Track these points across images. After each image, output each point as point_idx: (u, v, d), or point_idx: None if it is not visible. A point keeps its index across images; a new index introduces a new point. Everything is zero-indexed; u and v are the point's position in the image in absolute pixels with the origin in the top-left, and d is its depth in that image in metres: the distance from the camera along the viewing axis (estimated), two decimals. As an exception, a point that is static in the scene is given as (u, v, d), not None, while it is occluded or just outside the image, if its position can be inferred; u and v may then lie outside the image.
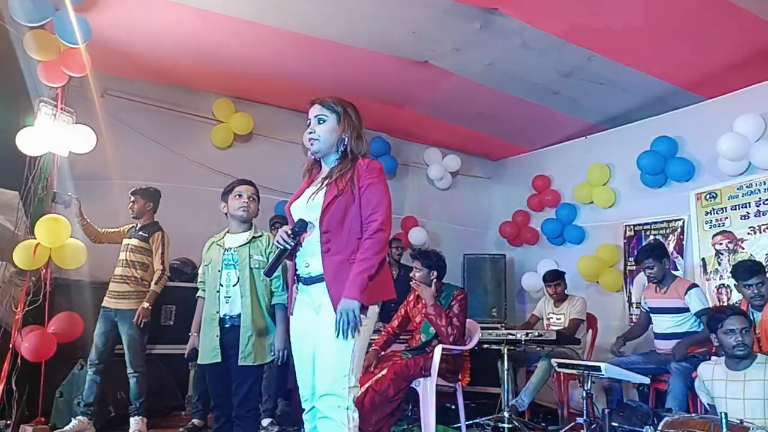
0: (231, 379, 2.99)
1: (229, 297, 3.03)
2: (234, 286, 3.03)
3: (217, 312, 3.02)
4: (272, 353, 3.02)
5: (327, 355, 2.17)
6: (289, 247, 2.25)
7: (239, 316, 3.03)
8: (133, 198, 4.34)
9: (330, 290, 2.19)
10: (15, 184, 4.16)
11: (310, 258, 2.26)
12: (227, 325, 3.01)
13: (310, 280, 2.27)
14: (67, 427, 3.94)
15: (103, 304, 4.18)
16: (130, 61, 4.92)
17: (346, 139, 2.31)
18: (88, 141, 4.31)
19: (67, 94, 4.40)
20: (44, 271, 4.20)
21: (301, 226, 2.25)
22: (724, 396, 3.12)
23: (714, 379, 3.20)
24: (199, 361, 3.10)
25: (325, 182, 2.29)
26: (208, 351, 3.00)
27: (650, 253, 4.23)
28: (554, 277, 5.13)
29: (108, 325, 4.13)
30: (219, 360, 2.96)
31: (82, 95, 4.72)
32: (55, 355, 4.07)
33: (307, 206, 2.27)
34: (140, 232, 4.29)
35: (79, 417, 3.99)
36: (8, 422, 3.87)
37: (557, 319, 5.07)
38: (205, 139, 5.73)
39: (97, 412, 4.07)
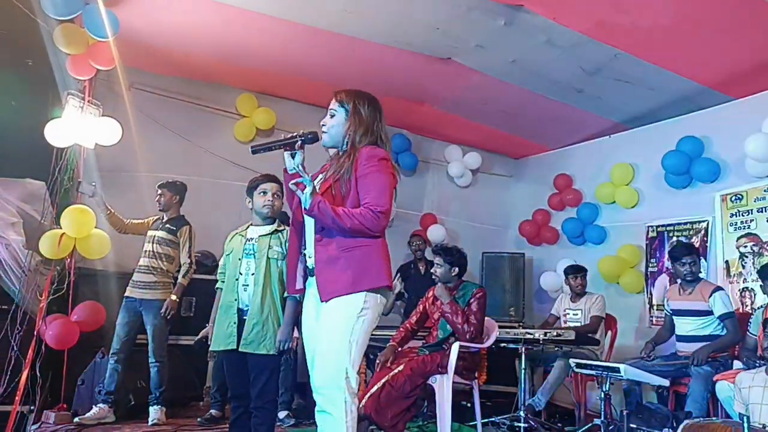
0: (248, 370, 3.01)
1: (247, 285, 3.06)
2: (252, 275, 3.06)
3: (235, 300, 3.05)
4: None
5: (325, 346, 2.14)
6: (292, 140, 2.25)
7: None
8: (160, 191, 4.41)
9: (318, 279, 2.18)
10: (42, 174, 4.25)
11: (311, 249, 2.27)
12: (245, 316, 3.04)
13: (312, 272, 2.28)
14: (87, 414, 4.01)
15: (126, 294, 4.25)
16: (157, 55, 4.98)
17: (350, 135, 2.29)
18: (113, 133, 4.38)
19: (95, 87, 4.49)
20: (69, 260, 4.29)
21: (314, 136, 2.27)
22: (760, 402, 3.08)
23: (752, 385, 3.17)
24: (212, 348, 3.14)
25: (328, 173, 2.30)
26: (224, 338, 3.02)
27: (691, 249, 4.18)
28: (579, 269, 5.09)
29: (131, 315, 4.20)
30: (234, 347, 2.99)
31: (108, 88, 4.80)
32: (77, 343, 4.15)
33: None
34: (167, 225, 4.36)
35: (100, 405, 4.06)
36: (32, 407, 3.96)
37: (574, 314, 5.02)
38: (227, 134, 5.79)
39: (117, 401, 4.14)
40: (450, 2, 4.03)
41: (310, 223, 2.30)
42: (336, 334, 2.12)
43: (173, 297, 4.20)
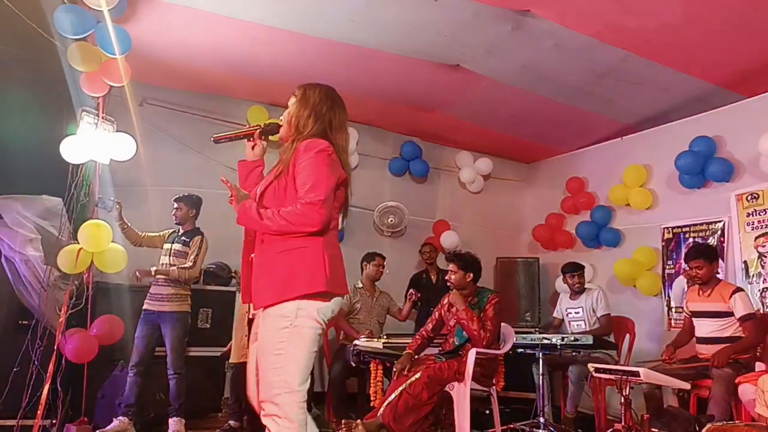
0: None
1: None
2: None
3: (247, 312, 3.07)
4: None
5: (263, 358, 2.01)
6: (252, 129, 2.33)
7: None
8: (176, 205, 4.47)
9: (253, 286, 2.07)
10: (59, 191, 4.30)
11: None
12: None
13: None
14: (108, 427, 4.05)
15: (144, 307, 4.29)
16: (167, 70, 5.04)
17: (296, 119, 2.22)
18: (128, 149, 4.43)
19: (108, 104, 4.54)
20: (86, 275, 4.33)
21: (274, 127, 2.31)
22: None
23: None
24: (231, 360, 3.16)
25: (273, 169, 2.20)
26: (238, 350, 3.04)
27: (702, 254, 4.11)
28: (575, 268, 5.10)
29: (149, 328, 4.25)
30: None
31: (122, 104, 4.86)
32: (97, 356, 4.17)
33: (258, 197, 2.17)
34: (183, 238, 4.42)
35: (120, 417, 4.10)
36: (54, 421, 3.99)
37: (576, 312, 5.03)
38: (239, 146, 5.79)
39: (137, 413, 4.17)
40: (456, 9, 4.04)
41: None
42: (269, 349, 1.98)
43: (152, 269, 4.22)
